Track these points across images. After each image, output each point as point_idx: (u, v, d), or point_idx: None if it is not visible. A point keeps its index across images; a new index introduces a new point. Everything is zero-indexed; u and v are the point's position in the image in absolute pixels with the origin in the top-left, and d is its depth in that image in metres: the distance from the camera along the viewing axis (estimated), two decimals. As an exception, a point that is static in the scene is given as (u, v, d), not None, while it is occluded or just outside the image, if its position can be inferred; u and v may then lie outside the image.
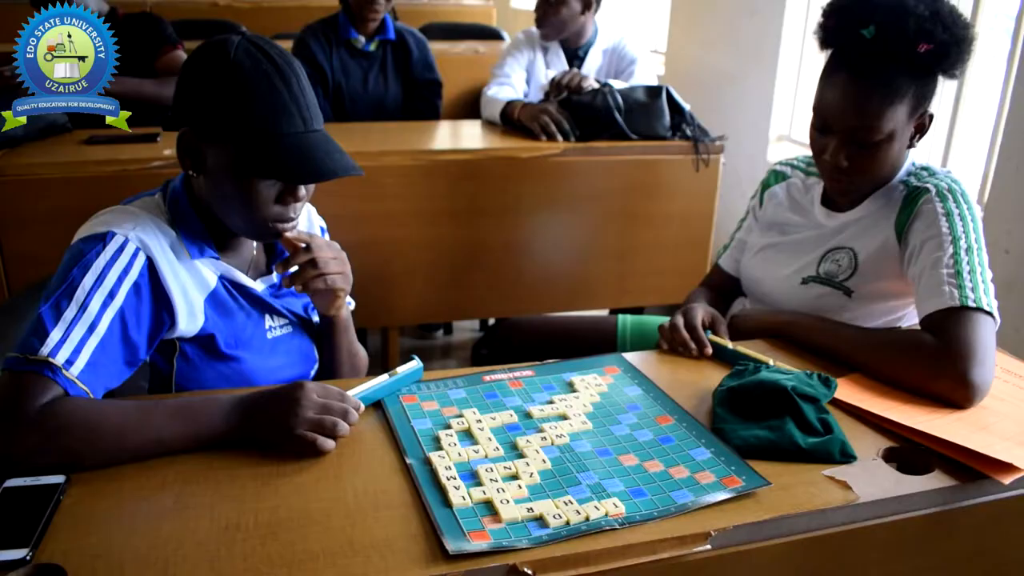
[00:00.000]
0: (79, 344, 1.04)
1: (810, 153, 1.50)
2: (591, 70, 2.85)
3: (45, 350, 1.02)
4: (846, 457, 1.07)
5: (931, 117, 1.41)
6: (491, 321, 3.38)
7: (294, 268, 1.23)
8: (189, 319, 1.17)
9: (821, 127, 1.42)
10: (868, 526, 1.00)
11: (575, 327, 1.92)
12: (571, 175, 2.43)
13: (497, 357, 1.75)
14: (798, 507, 0.97)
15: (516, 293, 2.54)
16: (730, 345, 1.38)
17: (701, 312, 1.45)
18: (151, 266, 1.13)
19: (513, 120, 2.57)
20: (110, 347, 1.08)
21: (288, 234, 1.20)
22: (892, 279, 1.43)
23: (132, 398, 1.17)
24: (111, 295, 1.08)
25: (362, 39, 2.86)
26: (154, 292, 1.14)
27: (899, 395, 1.24)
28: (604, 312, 2.82)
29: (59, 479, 0.96)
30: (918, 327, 1.33)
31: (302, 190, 1.17)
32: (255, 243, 1.30)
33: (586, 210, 2.51)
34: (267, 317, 1.28)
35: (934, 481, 1.05)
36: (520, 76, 2.85)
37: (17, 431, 0.97)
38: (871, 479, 1.04)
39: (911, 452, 1.11)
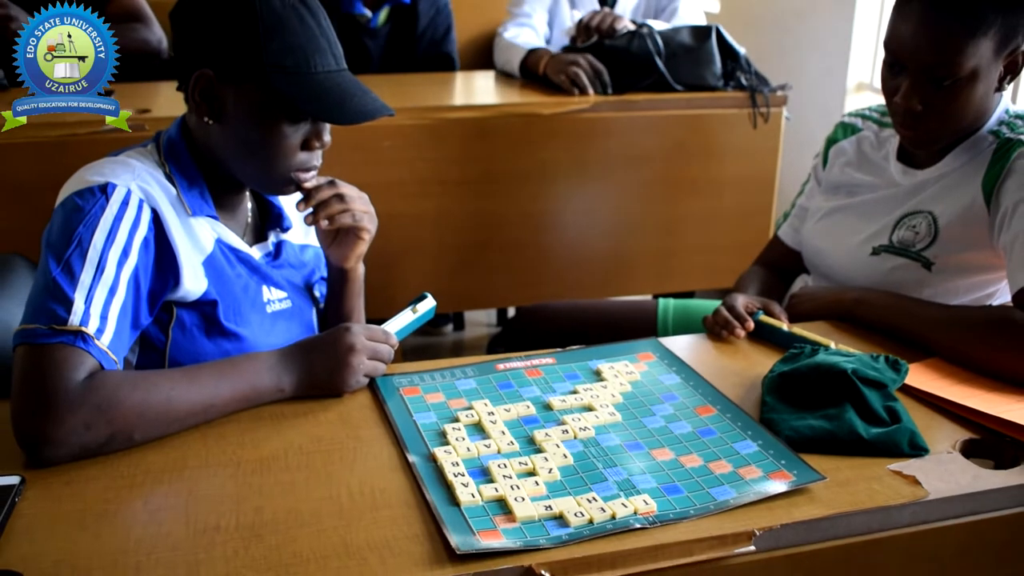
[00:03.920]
0: (104, 310, 1.13)
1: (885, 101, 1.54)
2: (626, 9, 2.86)
3: (75, 319, 1.09)
4: (916, 450, 1.12)
5: (1024, 55, 1.44)
6: (510, 312, 3.39)
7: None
8: (194, 279, 1.25)
9: (893, 64, 1.46)
10: (940, 527, 1.03)
11: (608, 312, 1.96)
12: (604, 134, 2.44)
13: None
14: (857, 504, 1.01)
15: (539, 277, 2.56)
16: (785, 327, 1.42)
17: (743, 299, 1.50)
18: (156, 219, 1.22)
19: (538, 74, 2.56)
20: (129, 311, 1.17)
21: (308, 184, 1.30)
22: (979, 248, 1.47)
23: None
24: (125, 253, 1.17)
25: (368, 13, 2.79)
26: (160, 248, 1.22)
27: (983, 382, 1.29)
28: (646, 298, 2.85)
29: (14, 480, 1.03)
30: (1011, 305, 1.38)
31: (327, 135, 1.27)
32: (251, 206, 1.40)
33: (622, 176, 2.51)
34: (264, 289, 1.36)
35: (1018, 476, 1.08)
36: (541, 17, 2.85)
37: (59, 412, 1.05)
38: (945, 474, 1.07)
39: (995, 444, 1.15)
